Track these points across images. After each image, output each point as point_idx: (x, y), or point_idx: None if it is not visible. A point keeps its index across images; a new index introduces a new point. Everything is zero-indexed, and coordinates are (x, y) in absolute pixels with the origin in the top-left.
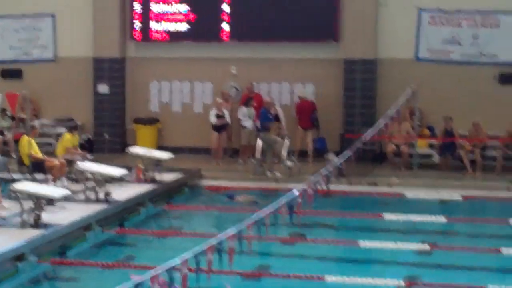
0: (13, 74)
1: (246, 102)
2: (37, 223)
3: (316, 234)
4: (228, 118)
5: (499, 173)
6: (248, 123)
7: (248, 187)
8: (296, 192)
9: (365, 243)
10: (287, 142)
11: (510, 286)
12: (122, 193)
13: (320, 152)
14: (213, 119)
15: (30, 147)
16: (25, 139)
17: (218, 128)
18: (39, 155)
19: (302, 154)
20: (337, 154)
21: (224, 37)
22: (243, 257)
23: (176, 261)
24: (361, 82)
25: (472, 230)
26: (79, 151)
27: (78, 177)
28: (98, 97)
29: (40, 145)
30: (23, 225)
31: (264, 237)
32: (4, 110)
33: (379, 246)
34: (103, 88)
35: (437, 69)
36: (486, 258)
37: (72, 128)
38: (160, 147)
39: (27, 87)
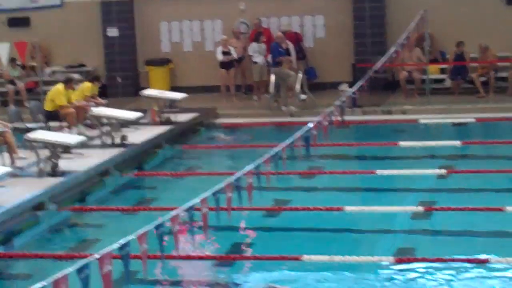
0: (21, 22)
1: (256, 37)
2: (54, 171)
3: (333, 166)
4: (235, 54)
5: (511, 94)
6: (259, 59)
7: (263, 123)
8: (311, 125)
9: (382, 172)
10: (300, 75)
11: None
12: (138, 136)
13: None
14: (219, 56)
15: (57, 97)
16: (59, 89)
17: (226, 65)
18: (63, 103)
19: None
20: (350, 84)
21: None
22: (262, 193)
23: (196, 200)
24: (370, 10)
25: (487, 153)
26: (99, 100)
27: (93, 122)
28: (108, 41)
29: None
30: (41, 174)
31: (282, 172)
32: (14, 59)
33: (396, 174)
34: (113, 32)
35: None
36: (502, 180)
37: (94, 79)
38: (174, 88)
39: (36, 34)
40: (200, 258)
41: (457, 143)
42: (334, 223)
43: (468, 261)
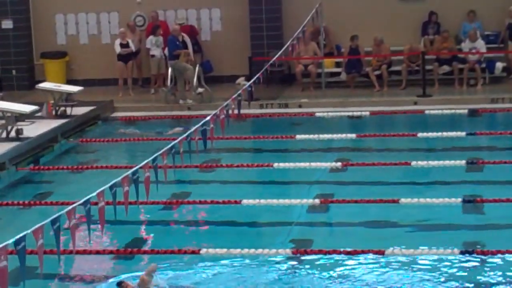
0: None
1: (153, 30)
2: None
3: (231, 159)
4: (133, 47)
5: (405, 87)
6: (156, 52)
7: (161, 116)
8: (208, 118)
9: (279, 165)
10: (197, 68)
11: (421, 198)
12: (34, 130)
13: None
14: (117, 49)
15: None
16: None
17: (123, 58)
18: None
19: None
20: (247, 77)
21: None
22: (160, 187)
23: (92, 194)
24: (266, 4)
25: (382, 145)
26: None
27: None
28: (2, 33)
29: None
30: None
31: (180, 165)
32: None
33: (293, 167)
34: (7, 24)
35: None
36: (396, 172)
37: None
38: (70, 81)
39: None
40: (98, 252)
41: (352, 136)
42: (232, 216)
43: (364, 252)
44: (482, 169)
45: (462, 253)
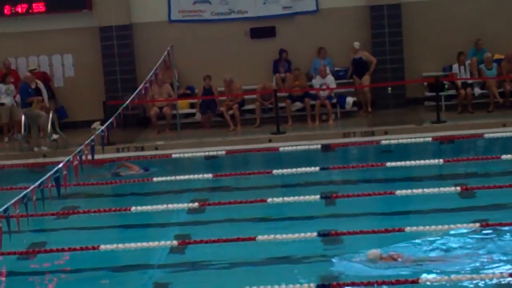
0: None
1: (3, 78)
2: None
3: (89, 205)
4: None
5: (259, 125)
6: (6, 100)
7: (15, 165)
8: (61, 165)
9: (137, 208)
10: (51, 115)
11: (277, 234)
12: None
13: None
14: None
15: None
16: None
17: None
18: None
19: None
20: (102, 122)
21: None
22: (15, 237)
23: None
24: (119, 48)
25: (238, 184)
26: None
27: None
28: None
29: None
30: None
31: (33, 214)
32: None
33: (151, 210)
34: None
35: (190, 29)
36: (253, 210)
37: None
38: None
39: None
40: None
41: (209, 176)
42: (91, 263)
43: None
44: (335, 203)
45: (318, 287)
